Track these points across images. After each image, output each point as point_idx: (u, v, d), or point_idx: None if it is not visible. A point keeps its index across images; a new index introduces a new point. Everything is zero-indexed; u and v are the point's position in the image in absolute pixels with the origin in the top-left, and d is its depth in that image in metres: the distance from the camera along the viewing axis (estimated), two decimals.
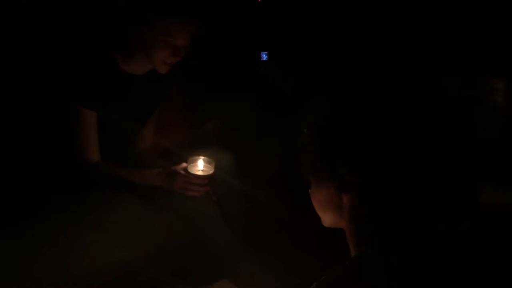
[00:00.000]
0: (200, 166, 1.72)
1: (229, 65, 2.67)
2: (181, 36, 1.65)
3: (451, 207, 0.89)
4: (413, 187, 0.85)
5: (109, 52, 1.73)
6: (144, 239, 1.65)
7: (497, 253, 0.89)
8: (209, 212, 1.77)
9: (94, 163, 1.71)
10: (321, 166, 0.90)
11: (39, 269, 1.41)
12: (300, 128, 0.95)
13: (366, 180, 0.85)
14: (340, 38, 2.72)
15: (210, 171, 1.71)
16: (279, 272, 1.78)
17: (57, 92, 1.73)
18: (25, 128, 1.84)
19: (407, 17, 2.53)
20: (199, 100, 2.42)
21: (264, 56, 2.96)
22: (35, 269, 1.41)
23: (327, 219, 0.96)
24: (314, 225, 1.03)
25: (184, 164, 1.70)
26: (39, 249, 1.43)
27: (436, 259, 0.80)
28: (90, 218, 1.55)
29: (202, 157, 1.72)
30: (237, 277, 1.72)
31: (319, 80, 2.71)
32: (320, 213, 0.98)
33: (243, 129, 2.35)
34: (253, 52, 2.92)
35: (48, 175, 1.71)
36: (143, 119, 1.91)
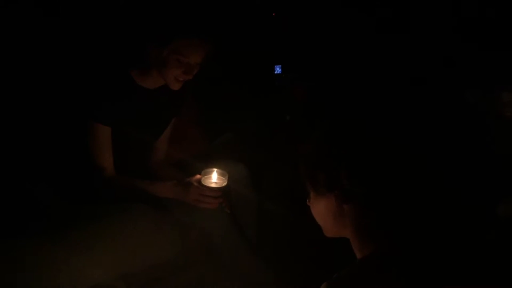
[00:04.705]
0: (214, 178, 1.72)
1: (243, 78, 2.69)
2: (194, 55, 1.68)
3: (454, 214, 0.90)
4: (414, 195, 0.86)
5: (125, 68, 1.76)
6: (158, 250, 1.66)
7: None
8: (222, 224, 1.78)
9: (108, 176, 1.74)
10: (321, 177, 0.92)
11: (50, 280, 1.42)
12: (302, 143, 0.98)
13: (369, 190, 0.86)
14: (352, 48, 2.74)
15: (224, 183, 1.71)
16: (291, 283, 1.78)
17: (73, 107, 1.77)
18: (40, 141, 1.88)
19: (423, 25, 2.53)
20: (212, 113, 2.44)
21: (278, 69, 2.98)
22: (47, 279, 1.42)
23: (329, 229, 0.99)
24: (326, 236, 1.05)
25: (198, 176, 1.71)
26: (52, 259, 1.43)
27: (437, 259, 0.82)
28: (104, 229, 1.56)
29: (216, 169, 1.73)
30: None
31: (332, 92, 2.72)
32: (321, 223, 1.00)
33: (256, 141, 2.36)
34: (266, 65, 2.95)
35: (63, 186, 1.74)
36: (157, 132, 1.93)
